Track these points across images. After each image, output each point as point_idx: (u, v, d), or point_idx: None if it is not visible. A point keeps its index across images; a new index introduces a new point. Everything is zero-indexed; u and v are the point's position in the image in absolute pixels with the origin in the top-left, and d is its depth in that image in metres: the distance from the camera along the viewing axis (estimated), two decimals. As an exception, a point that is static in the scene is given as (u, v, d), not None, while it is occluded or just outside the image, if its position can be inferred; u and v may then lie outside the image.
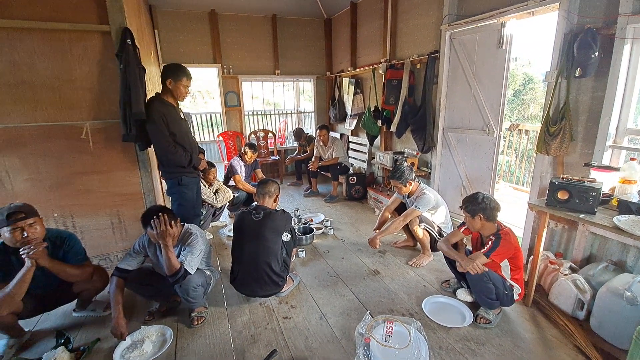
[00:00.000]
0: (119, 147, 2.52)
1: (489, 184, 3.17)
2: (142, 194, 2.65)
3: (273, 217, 2.28)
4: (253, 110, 7.24)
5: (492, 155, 3.10)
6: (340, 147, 4.69)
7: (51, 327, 2.20)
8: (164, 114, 2.40)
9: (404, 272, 2.73)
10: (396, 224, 2.72)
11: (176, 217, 2.01)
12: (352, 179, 4.54)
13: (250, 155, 4.04)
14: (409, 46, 3.97)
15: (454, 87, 3.39)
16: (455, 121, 3.45)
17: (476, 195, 2.04)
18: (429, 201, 2.70)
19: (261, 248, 2.22)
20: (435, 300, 2.31)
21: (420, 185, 2.84)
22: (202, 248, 2.08)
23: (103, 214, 2.60)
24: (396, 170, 2.75)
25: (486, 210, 1.99)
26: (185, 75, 2.47)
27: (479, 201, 2.01)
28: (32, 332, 2.14)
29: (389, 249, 3.15)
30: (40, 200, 2.40)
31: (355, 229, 3.67)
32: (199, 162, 2.65)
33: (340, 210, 4.26)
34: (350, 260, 2.96)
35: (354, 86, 5.14)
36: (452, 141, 3.49)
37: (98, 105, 2.44)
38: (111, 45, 2.36)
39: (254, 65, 5.57)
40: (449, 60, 3.36)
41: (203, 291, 2.14)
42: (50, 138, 2.37)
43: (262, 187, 2.41)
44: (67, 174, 2.45)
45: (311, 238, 3.33)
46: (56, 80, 2.32)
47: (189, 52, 5.15)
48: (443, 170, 3.68)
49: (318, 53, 5.96)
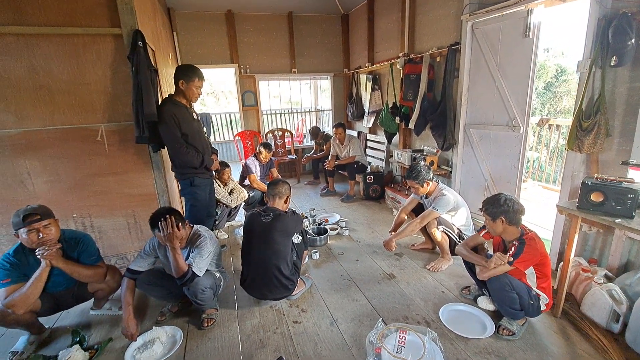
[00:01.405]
0: (133, 148, 2.55)
1: (514, 184, 2.97)
2: (157, 194, 2.68)
3: (283, 219, 2.23)
4: (270, 110, 7.25)
5: (518, 153, 2.90)
6: (357, 145, 4.58)
7: (70, 324, 2.26)
8: (175, 115, 2.40)
9: (421, 276, 2.61)
10: (413, 227, 2.59)
11: (184, 219, 2.00)
12: (369, 178, 4.42)
13: (265, 155, 4.02)
14: (428, 39, 3.80)
15: (476, 81, 3.20)
16: (477, 117, 3.25)
17: (498, 196, 1.89)
18: (448, 202, 2.55)
19: (270, 251, 2.17)
20: (454, 308, 2.17)
21: (438, 185, 2.69)
22: (210, 250, 2.06)
23: (119, 215, 2.65)
24: (412, 170, 2.62)
25: (509, 213, 1.84)
26: (197, 76, 2.46)
27: (501, 203, 1.86)
28: (52, 329, 2.21)
29: (406, 252, 3.03)
30: (59, 201, 2.49)
31: (372, 230, 3.56)
32: (211, 162, 2.64)
33: (356, 210, 4.16)
34: (364, 263, 2.87)
35: (372, 82, 5.01)
36: (475, 138, 3.30)
37: (112, 107, 2.48)
38: (123, 48, 2.38)
39: (270, 64, 5.55)
40: (470, 52, 3.17)
41: (212, 293, 2.12)
42: (68, 141, 2.43)
43: (272, 188, 2.36)
44: (84, 176, 2.52)
45: (325, 239, 3.26)
46: (72, 84, 2.37)
47: (207, 53, 5.20)
48: (465, 168, 3.50)
49: (335, 50, 5.86)
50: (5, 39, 2.19)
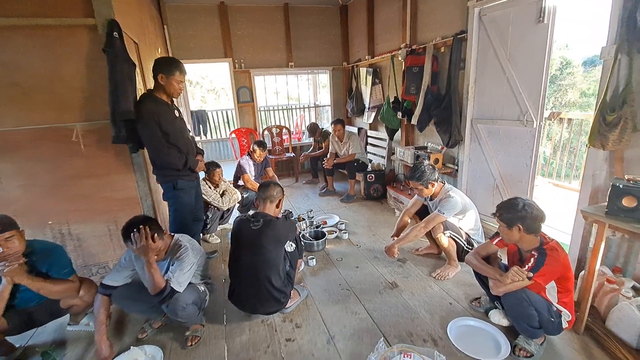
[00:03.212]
0: (113, 149, 2.35)
1: (527, 183, 2.75)
2: (139, 198, 2.49)
3: (274, 225, 2.03)
4: (267, 106, 7.03)
5: (530, 150, 2.68)
6: (357, 142, 4.36)
7: (44, 341, 2.08)
8: (155, 112, 2.20)
9: (426, 285, 2.40)
10: (416, 232, 2.38)
11: (162, 229, 1.80)
12: (370, 177, 4.21)
13: (259, 154, 3.82)
14: (431, 28, 3.56)
15: (484, 72, 2.96)
16: (486, 111, 3.03)
17: (514, 201, 1.68)
18: (455, 205, 2.34)
19: (260, 261, 1.97)
20: (464, 324, 1.97)
21: (444, 186, 2.48)
22: (193, 262, 1.87)
23: (99, 220, 2.46)
24: (416, 170, 2.40)
25: (527, 220, 1.63)
26: (178, 70, 2.25)
27: (518, 209, 1.64)
28: (25, 347, 2.03)
29: (410, 257, 2.82)
30: (35, 207, 2.31)
31: (373, 232, 3.35)
32: (195, 164, 2.43)
33: (357, 211, 3.95)
34: (365, 270, 2.67)
35: (372, 76, 4.77)
36: (483, 134, 3.07)
37: (89, 105, 2.28)
38: (99, 40, 2.17)
39: (266, 58, 5.32)
40: (477, 41, 2.93)
41: (197, 308, 1.93)
42: (43, 141, 2.24)
43: (263, 190, 2.16)
44: (61, 179, 2.32)
45: (323, 244, 3.06)
46: (46, 80, 2.18)
47: (199, 47, 4.98)
48: (472, 166, 3.28)
49: (333, 42, 5.61)
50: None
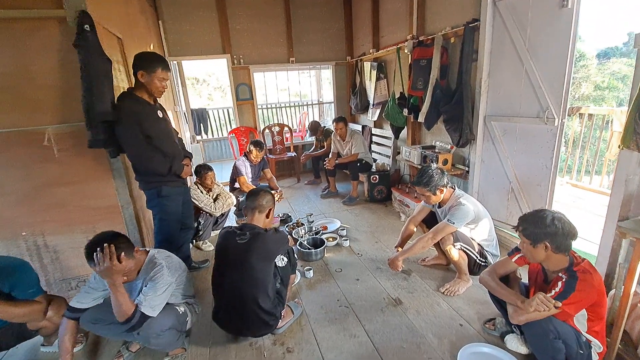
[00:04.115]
0: (91, 153, 2.15)
1: (546, 187, 2.48)
2: (120, 206, 2.30)
3: (262, 239, 1.81)
4: (268, 104, 6.81)
5: (551, 150, 2.40)
6: (360, 141, 4.11)
7: (16, 364, 1.93)
8: (136, 113, 2.01)
9: (433, 302, 2.16)
10: (423, 243, 2.14)
11: (132, 246, 1.59)
12: (373, 178, 3.96)
13: (255, 154, 3.61)
14: (440, 18, 3.28)
15: (499, 64, 2.68)
16: (501, 107, 2.75)
17: (541, 214, 1.42)
18: (467, 214, 2.08)
19: (246, 279, 1.76)
20: (476, 350, 1.73)
21: (455, 191, 2.22)
22: (169, 282, 1.66)
23: (78, 231, 2.27)
24: (423, 174, 2.15)
25: (556, 237, 1.37)
26: (160, 66, 2.05)
27: (547, 223, 1.39)
28: (-6, 370, 1.87)
29: (416, 268, 2.58)
30: (5, 218, 2.14)
31: (376, 239, 3.12)
32: (181, 169, 2.23)
33: (359, 215, 3.71)
34: (366, 283, 2.44)
35: (377, 71, 4.50)
36: (497, 132, 2.80)
37: (63, 105, 2.08)
38: (71, 34, 1.96)
39: (266, 53, 5.08)
40: (492, 30, 2.65)
41: (175, 333, 1.73)
42: (12, 146, 2.05)
43: (251, 199, 1.94)
44: (34, 187, 2.14)
45: (322, 252, 2.83)
46: (14, 78, 1.99)
47: (197, 43, 4.77)
48: (485, 168, 3.00)
49: (337, 36, 5.34)
50: None
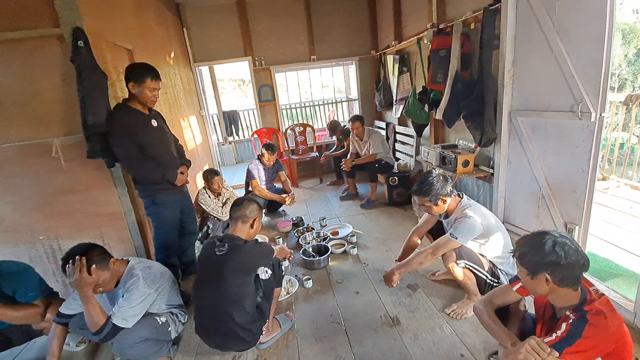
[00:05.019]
0: (93, 163, 2.25)
1: (582, 194, 2.08)
2: (123, 213, 2.39)
3: (240, 251, 1.73)
4: (291, 104, 6.79)
5: (587, 150, 2.00)
6: (378, 141, 3.87)
7: (31, 358, 2.10)
8: (127, 123, 2.06)
9: (435, 325, 1.93)
10: (421, 258, 1.90)
11: (106, 258, 1.61)
12: (392, 180, 3.71)
13: (267, 157, 3.56)
14: (462, 1, 2.93)
15: (524, 51, 2.31)
16: (528, 100, 2.37)
17: (541, 238, 1.15)
18: (472, 228, 1.81)
19: (221, 293, 1.69)
20: (472, 390, 1.49)
21: (462, 201, 1.95)
22: (145, 293, 1.66)
23: (87, 236, 2.40)
24: (422, 183, 1.91)
25: (559, 268, 1.10)
26: (149, 76, 2.08)
27: (547, 250, 1.12)
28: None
29: (424, 283, 2.34)
30: (25, 223, 2.33)
31: (386, 247, 2.90)
32: (174, 176, 2.25)
33: (375, 220, 3.50)
34: (365, 297, 2.26)
35: (399, 64, 4.21)
36: (524, 129, 2.42)
37: (67, 118, 2.20)
38: (70, 50, 2.07)
39: (287, 53, 5.02)
40: (515, 11, 2.29)
41: (154, 344, 1.74)
42: (26, 158, 2.23)
43: (234, 209, 1.87)
44: (47, 195, 2.31)
45: (325, 261, 2.70)
46: (23, 95, 2.15)
47: (219, 48, 4.87)
48: (511, 170, 2.63)
49: (360, 29, 5.10)
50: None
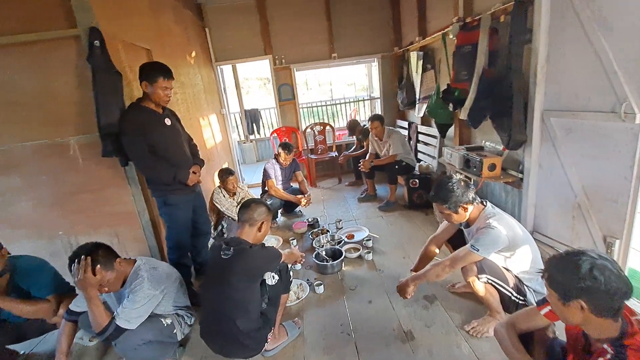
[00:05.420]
0: (108, 162, 2.28)
1: (625, 205, 1.85)
2: (137, 213, 2.41)
3: (246, 255, 1.67)
4: (310, 102, 6.73)
5: (631, 156, 1.77)
6: (398, 141, 3.71)
7: (45, 350, 2.17)
8: (139, 123, 2.06)
9: (452, 342, 1.79)
10: (438, 271, 1.76)
11: (112, 258, 1.61)
12: (413, 182, 3.55)
13: (284, 157, 3.51)
14: (490, -8, 2.73)
15: (559, 44, 2.10)
16: (562, 100, 2.16)
17: (577, 260, 0.98)
18: (496, 239, 1.64)
19: (224, 298, 1.65)
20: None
21: (485, 209, 1.78)
22: (150, 294, 1.64)
23: (103, 234, 2.45)
24: (440, 187, 1.77)
25: (596, 295, 0.95)
26: (161, 75, 2.06)
27: (582, 274, 0.96)
28: (27, 355, 2.13)
29: (442, 295, 2.19)
30: (45, 219, 2.40)
31: (403, 254, 2.76)
32: (186, 177, 2.22)
33: (394, 223, 3.36)
34: (378, 306, 2.15)
35: (422, 61, 4.02)
36: (558, 131, 2.21)
37: (83, 118, 2.23)
38: (85, 51, 2.09)
39: (307, 51, 4.95)
40: (549, 1, 2.08)
41: (157, 347, 1.72)
42: (44, 157, 2.29)
43: (242, 211, 1.82)
44: (64, 193, 2.36)
45: (339, 265, 2.61)
46: (40, 96, 2.19)
47: (240, 47, 4.88)
48: (543, 176, 2.41)
49: (382, 26, 4.94)
50: (-25, 55, 2.10)
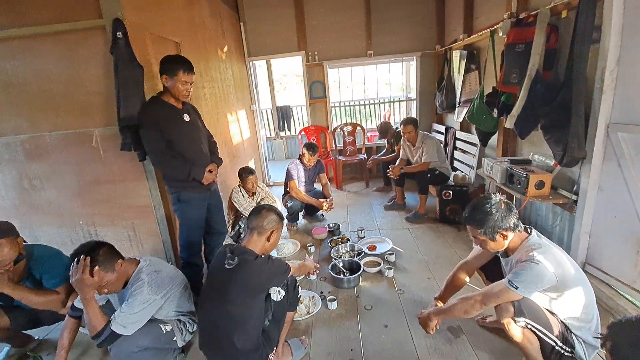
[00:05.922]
0: (127, 155, 2.26)
1: None
2: (152, 207, 2.38)
3: (249, 268, 1.53)
4: (342, 101, 6.53)
5: None
6: (432, 148, 3.42)
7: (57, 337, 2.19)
8: (159, 117, 2.00)
9: (476, 389, 1.54)
10: (466, 306, 1.50)
11: (113, 259, 1.54)
12: (446, 194, 3.25)
13: (308, 158, 3.36)
14: (551, -16, 2.37)
15: (634, 46, 1.74)
16: (634, 111, 1.80)
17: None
18: (540, 277, 1.36)
19: (222, 313, 1.52)
20: None
21: (529, 238, 1.50)
22: (150, 299, 1.57)
23: (120, 225, 2.46)
24: (475, 209, 1.51)
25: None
26: (182, 68, 1.99)
27: None
28: (41, 340, 2.17)
29: (470, 329, 1.93)
30: (67, 207, 2.45)
31: (429, 274, 2.50)
32: (201, 175, 2.14)
33: (421, 237, 3.09)
34: (395, 334, 1.94)
35: (466, 61, 3.67)
36: (627, 149, 1.85)
37: (107, 109, 2.23)
38: (110, 42, 2.08)
39: (341, 48, 4.75)
40: (628, -7, 1.73)
41: (156, 354, 1.64)
42: (69, 146, 2.32)
43: (252, 218, 1.69)
44: (86, 183, 2.39)
45: (355, 280, 2.42)
46: (69, 85, 2.22)
47: (274, 42, 4.79)
48: (603, 200, 2.05)
49: (425, 22, 4.61)
50: (11, 44, 2.16)
